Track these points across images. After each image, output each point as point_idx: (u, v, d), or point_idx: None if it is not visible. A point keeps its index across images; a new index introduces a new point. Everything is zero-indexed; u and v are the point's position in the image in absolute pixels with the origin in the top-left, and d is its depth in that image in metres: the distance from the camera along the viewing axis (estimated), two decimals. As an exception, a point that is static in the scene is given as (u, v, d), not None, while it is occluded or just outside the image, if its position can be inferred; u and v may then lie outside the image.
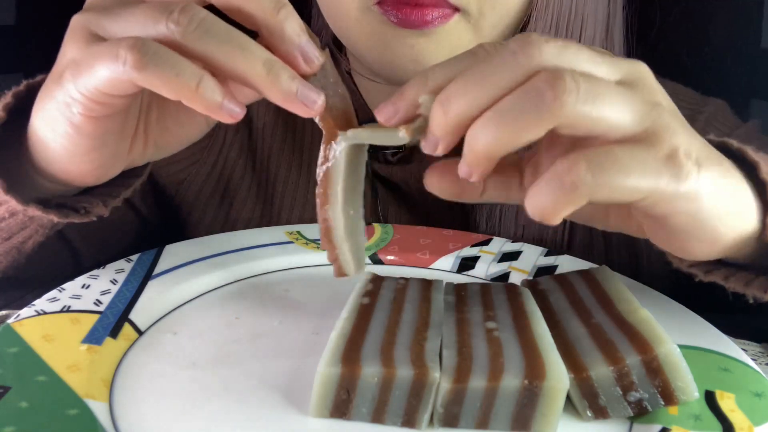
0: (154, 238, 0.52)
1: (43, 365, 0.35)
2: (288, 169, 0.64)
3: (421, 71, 0.34)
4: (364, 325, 0.37)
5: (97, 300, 0.41)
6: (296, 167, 0.64)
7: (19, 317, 0.38)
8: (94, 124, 0.37)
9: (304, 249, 0.52)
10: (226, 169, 0.64)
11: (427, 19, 0.49)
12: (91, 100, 0.36)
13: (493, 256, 0.52)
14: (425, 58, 0.51)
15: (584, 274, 0.43)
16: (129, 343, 0.39)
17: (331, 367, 0.33)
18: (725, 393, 0.35)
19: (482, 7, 0.50)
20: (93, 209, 0.42)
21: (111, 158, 0.41)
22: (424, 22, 0.49)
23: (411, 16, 0.49)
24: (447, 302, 0.40)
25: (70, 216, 0.41)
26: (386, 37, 0.51)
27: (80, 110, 0.36)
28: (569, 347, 0.36)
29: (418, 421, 0.33)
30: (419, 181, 0.60)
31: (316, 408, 0.33)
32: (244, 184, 0.64)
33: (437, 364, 0.33)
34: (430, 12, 0.49)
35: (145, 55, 0.33)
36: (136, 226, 0.62)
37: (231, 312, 0.43)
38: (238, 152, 0.64)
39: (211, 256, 0.49)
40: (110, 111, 0.37)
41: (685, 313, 0.44)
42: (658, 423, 0.33)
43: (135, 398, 0.34)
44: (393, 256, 0.52)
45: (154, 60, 0.33)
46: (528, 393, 0.32)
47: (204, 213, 0.64)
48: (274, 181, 0.64)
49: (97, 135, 0.38)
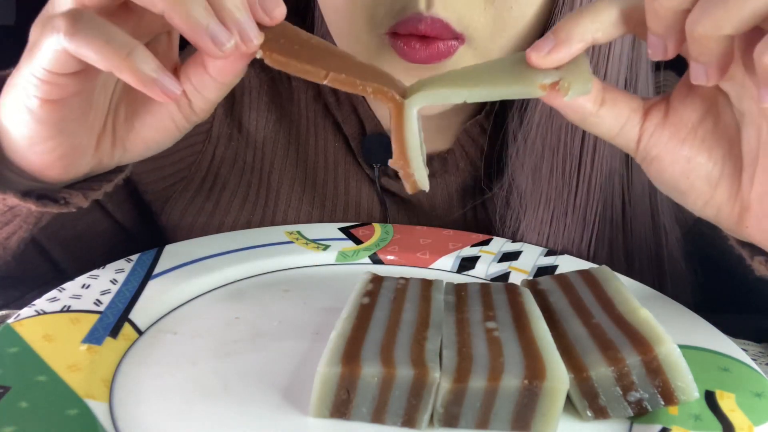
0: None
1: (43, 365, 0.35)
2: (291, 186, 0.61)
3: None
4: (364, 325, 0.37)
5: (97, 300, 0.41)
6: (299, 183, 0.61)
7: (19, 317, 0.38)
8: (49, 109, 0.37)
9: (304, 249, 0.52)
10: (216, 186, 0.60)
11: (433, 53, 0.47)
12: (42, 80, 0.35)
13: (493, 256, 0.52)
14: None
15: (584, 274, 0.43)
16: (129, 343, 0.39)
17: (331, 366, 0.33)
18: (725, 393, 0.35)
19: (492, 35, 0.48)
20: (72, 200, 0.42)
21: (72, 150, 0.40)
22: (439, 54, 0.48)
23: (418, 53, 0.47)
24: (447, 302, 0.40)
25: (49, 206, 0.41)
26: (391, 65, 0.49)
27: (34, 93, 0.36)
28: (569, 347, 0.36)
29: (418, 421, 0.33)
30: (430, 196, 0.60)
31: (316, 408, 0.33)
32: (236, 201, 0.60)
33: (437, 364, 0.33)
34: (436, 46, 0.47)
35: (77, 23, 0.33)
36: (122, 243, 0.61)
37: (231, 312, 0.43)
38: (229, 168, 0.61)
39: (211, 256, 0.49)
40: (63, 93, 0.36)
41: (685, 313, 0.44)
42: (658, 423, 0.33)
43: (135, 398, 0.34)
44: (393, 256, 0.52)
45: (85, 27, 0.33)
46: (528, 393, 0.32)
47: (190, 233, 0.60)
48: (275, 198, 0.61)
49: (53, 121, 0.38)
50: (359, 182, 0.61)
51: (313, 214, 0.61)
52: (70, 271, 0.46)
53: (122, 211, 0.61)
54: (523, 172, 0.56)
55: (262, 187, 0.60)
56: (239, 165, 0.61)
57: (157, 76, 0.34)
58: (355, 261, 0.52)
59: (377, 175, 0.60)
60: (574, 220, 0.54)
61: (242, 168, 0.61)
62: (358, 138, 0.60)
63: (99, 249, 0.57)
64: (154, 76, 0.34)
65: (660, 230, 0.56)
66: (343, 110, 0.60)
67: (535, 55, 0.36)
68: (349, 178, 0.61)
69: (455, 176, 0.60)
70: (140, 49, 0.34)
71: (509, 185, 0.57)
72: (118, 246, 0.59)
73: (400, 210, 0.62)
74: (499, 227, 0.58)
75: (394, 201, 0.61)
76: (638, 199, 0.55)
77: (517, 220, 0.56)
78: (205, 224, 0.60)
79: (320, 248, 0.52)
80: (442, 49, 0.47)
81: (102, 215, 0.60)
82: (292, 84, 0.62)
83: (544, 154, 0.54)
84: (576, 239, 0.53)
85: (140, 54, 0.34)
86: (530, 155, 0.55)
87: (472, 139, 0.59)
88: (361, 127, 0.60)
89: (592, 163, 0.52)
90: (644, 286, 0.48)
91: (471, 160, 0.60)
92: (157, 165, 0.59)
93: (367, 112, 0.60)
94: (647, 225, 0.56)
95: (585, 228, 0.54)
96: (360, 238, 0.54)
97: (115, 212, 0.60)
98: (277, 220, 0.60)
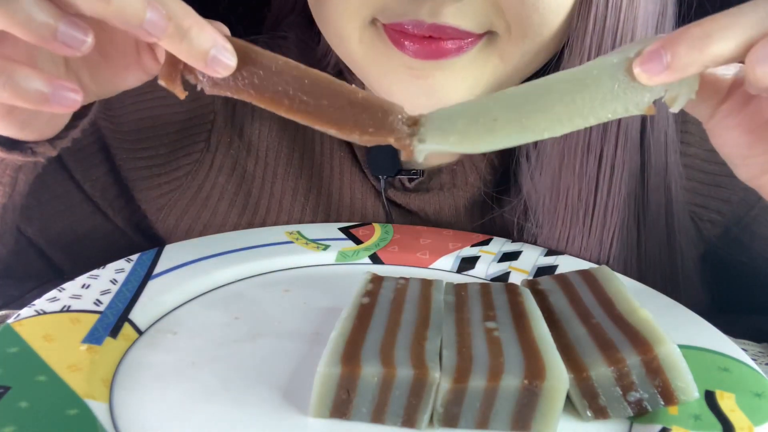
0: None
1: (43, 365, 0.34)
2: (293, 195, 0.60)
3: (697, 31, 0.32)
4: (364, 325, 0.37)
5: (97, 300, 0.41)
6: (303, 193, 0.60)
7: (19, 317, 0.38)
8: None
9: (304, 249, 0.52)
10: (213, 196, 0.59)
11: (447, 47, 0.44)
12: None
13: (493, 256, 0.52)
14: (442, 93, 0.47)
15: (584, 274, 0.43)
16: (129, 343, 0.39)
17: (331, 366, 0.33)
18: (725, 393, 0.35)
19: (511, 30, 0.45)
20: (38, 149, 0.40)
21: (30, 117, 0.37)
22: (444, 52, 0.44)
23: (425, 46, 0.44)
24: (447, 302, 0.40)
25: (14, 152, 0.39)
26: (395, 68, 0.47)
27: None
28: (569, 347, 0.36)
29: (418, 421, 0.33)
30: (437, 209, 0.60)
31: (316, 408, 0.33)
32: (234, 210, 0.59)
33: (437, 364, 0.33)
34: (451, 42, 0.44)
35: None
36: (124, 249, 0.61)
37: (231, 312, 0.43)
38: (228, 177, 0.59)
39: (211, 256, 0.49)
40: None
41: (685, 313, 0.44)
42: (658, 423, 0.33)
43: (135, 398, 0.34)
44: (393, 256, 0.52)
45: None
46: (528, 393, 0.32)
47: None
48: (278, 207, 0.59)
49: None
50: (364, 193, 0.60)
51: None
52: (69, 274, 0.46)
53: (122, 217, 0.61)
54: (537, 192, 0.55)
55: (263, 196, 0.60)
56: (239, 173, 0.60)
57: (58, 23, 0.30)
58: (355, 261, 0.52)
59: (383, 186, 0.59)
60: (590, 241, 0.53)
61: (242, 176, 0.60)
62: (364, 148, 0.59)
63: (99, 254, 0.57)
64: (53, 24, 0.30)
65: (676, 252, 0.56)
66: None
67: (646, 76, 0.33)
68: (354, 189, 0.60)
69: (463, 191, 0.59)
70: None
71: (524, 205, 0.56)
72: (120, 252, 0.59)
73: (406, 222, 0.60)
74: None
75: (400, 213, 0.60)
76: (653, 221, 0.54)
77: (533, 239, 0.55)
78: (202, 232, 0.59)
79: (320, 248, 0.52)
80: (452, 47, 0.45)
81: (103, 220, 0.60)
82: None
83: (560, 174, 0.53)
84: (592, 260, 0.53)
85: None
86: (545, 175, 0.54)
87: (482, 153, 0.58)
88: None
89: (610, 184, 0.51)
90: (644, 286, 0.48)
91: (480, 175, 0.59)
92: (152, 173, 0.59)
93: None
94: (662, 246, 0.55)
95: (601, 249, 0.53)
96: (360, 238, 0.54)
97: (116, 218, 0.60)
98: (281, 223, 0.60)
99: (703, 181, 0.59)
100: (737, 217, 0.58)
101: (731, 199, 0.58)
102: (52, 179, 0.58)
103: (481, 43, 0.46)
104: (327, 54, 0.59)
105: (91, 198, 0.59)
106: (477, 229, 0.59)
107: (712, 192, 0.59)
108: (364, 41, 0.48)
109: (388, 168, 0.58)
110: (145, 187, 0.59)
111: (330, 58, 0.59)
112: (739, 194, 0.58)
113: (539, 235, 0.55)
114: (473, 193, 0.59)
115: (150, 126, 0.59)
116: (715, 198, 0.58)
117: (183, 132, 0.59)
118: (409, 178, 0.59)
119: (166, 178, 0.59)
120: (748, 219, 0.58)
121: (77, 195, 0.59)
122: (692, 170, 0.58)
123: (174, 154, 0.59)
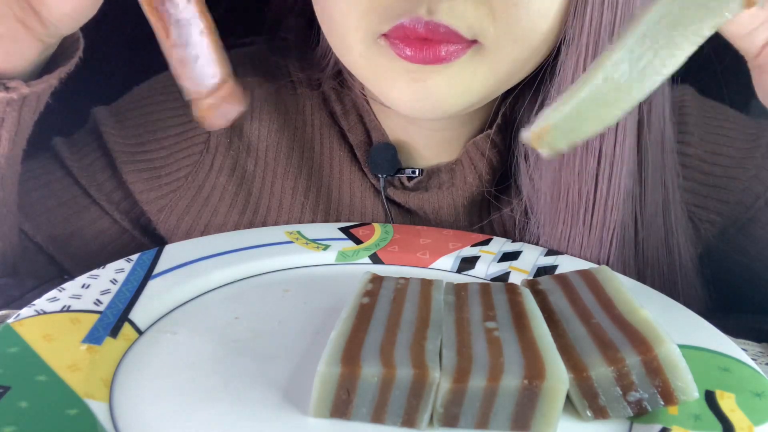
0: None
1: (43, 365, 0.34)
2: (293, 194, 0.60)
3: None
4: (364, 325, 0.37)
5: (97, 300, 0.41)
6: (302, 192, 0.60)
7: (19, 317, 0.38)
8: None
9: (304, 249, 0.52)
10: (213, 196, 0.60)
11: (441, 54, 0.46)
12: None
13: (493, 256, 0.52)
14: (437, 96, 0.48)
15: (584, 274, 0.43)
16: (129, 343, 0.39)
17: (331, 366, 0.33)
18: (725, 393, 0.35)
19: (499, 39, 0.46)
20: (11, 85, 0.43)
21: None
22: (438, 58, 0.46)
23: (423, 51, 0.46)
24: (447, 302, 0.40)
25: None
26: (395, 73, 0.48)
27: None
28: (569, 347, 0.36)
29: (418, 421, 0.33)
30: (436, 208, 0.60)
31: (316, 408, 0.33)
32: (235, 210, 0.60)
33: (437, 364, 0.33)
34: (444, 47, 0.46)
35: None
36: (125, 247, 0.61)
37: (231, 312, 0.43)
38: (228, 177, 0.60)
39: (211, 256, 0.49)
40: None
41: (685, 312, 0.44)
42: (658, 423, 0.33)
43: (135, 398, 0.34)
44: (393, 256, 0.52)
45: None
46: (528, 393, 0.32)
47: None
48: (278, 207, 0.60)
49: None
50: (364, 192, 0.60)
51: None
52: (70, 272, 0.46)
53: (129, 220, 0.61)
54: (537, 191, 0.55)
55: (264, 195, 0.60)
56: (239, 173, 0.60)
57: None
58: (355, 261, 0.52)
59: (383, 185, 0.59)
60: (591, 240, 0.53)
61: (242, 176, 0.60)
62: (363, 147, 0.60)
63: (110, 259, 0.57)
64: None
65: (674, 251, 0.56)
66: (349, 119, 0.59)
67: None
68: (354, 188, 0.60)
69: (462, 189, 0.59)
70: None
71: (525, 204, 0.56)
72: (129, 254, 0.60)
73: (405, 221, 0.61)
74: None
75: (399, 212, 0.61)
76: (651, 219, 0.54)
77: (534, 238, 0.56)
78: (203, 232, 0.60)
79: (320, 248, 0.52)
80: (451, 50, 0.46)
81: (110, 223, 0.60)
82: (297, 91, 0.61)
83: (561, 174, 0.53)
84: (592, 260, 0.53)
85: None
86: (546, 174, 0.54)
87: (481, 152, 0.58)
88: (368, 137, 0.60)
89: (609, 181, 0.52)
90: (644, 286, 0.47)
91: (479, 174, 0.59)
92: (153, 175, 0.59)
93: (374, 122, 0.59)
94: (660, 245, 0.55)
95: (602, 248, 0.53)
96: (360, 238, 0.54)
97: (123, 221, 0.61)
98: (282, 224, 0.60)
99: (702, 182, 0.59)
100: (735, 217, 0.59)
101: (729, 199, 0.58)
102: (58, 186, 0.59)
103: (470, 51, 0.47)
104: (326, 54, 0.59)
105: (98, 202, 0.60)
106: (476, 228, 0.59)
107: (711, 192, 0.59)
108: (365, 56, 0.49)
109: (387, 167, 0.58)
110: (145, 189, 0.59)
111: (330, 58, 0.59)
112: (737, 195, 0.58)
113: (541, 234, 0.55)
114: (472, 192, 0.59)
115: (150, 128, 0.59)
116: (714, 198, 0.58)
117: (182, 133, 0.59)
118: (408, 177, 0.59)
119: (166, 179, 0.59)
120: (745, 220, 0.58)
121: (84, 200, 0.60)
122: (691, 170, 0.58)
123: (174, 155, 0.59)
